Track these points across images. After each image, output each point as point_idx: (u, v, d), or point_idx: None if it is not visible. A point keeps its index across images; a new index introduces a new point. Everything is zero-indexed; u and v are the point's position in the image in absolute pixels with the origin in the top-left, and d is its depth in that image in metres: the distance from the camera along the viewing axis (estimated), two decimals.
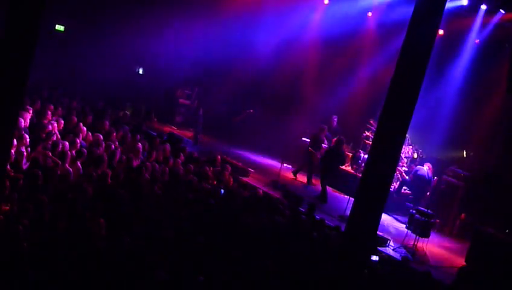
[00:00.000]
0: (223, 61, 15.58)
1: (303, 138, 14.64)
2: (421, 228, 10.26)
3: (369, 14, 15.35)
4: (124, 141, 10.87)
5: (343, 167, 13.31)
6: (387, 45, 14.86)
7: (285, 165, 14.11)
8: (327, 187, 12.46)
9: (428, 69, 6.65)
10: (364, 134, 14.36)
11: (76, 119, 10.86)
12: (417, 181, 13.13)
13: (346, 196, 12.12)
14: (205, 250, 6.78)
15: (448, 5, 9.21)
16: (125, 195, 7.64)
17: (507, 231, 9.84)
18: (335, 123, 14.48)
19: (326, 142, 13.45)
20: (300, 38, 15.64)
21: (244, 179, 12.14)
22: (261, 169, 13.84)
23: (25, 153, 8.19)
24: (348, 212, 7.59)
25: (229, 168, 10.67)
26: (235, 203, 8.95)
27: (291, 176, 13.76)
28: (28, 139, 8.54)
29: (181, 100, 16.76)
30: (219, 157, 11.37)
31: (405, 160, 13.92)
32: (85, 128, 10.53)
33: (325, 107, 15.31)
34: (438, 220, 12.18)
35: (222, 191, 9.44)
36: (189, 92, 16.90)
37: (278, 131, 15.25)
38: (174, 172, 9.68)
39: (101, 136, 10.20)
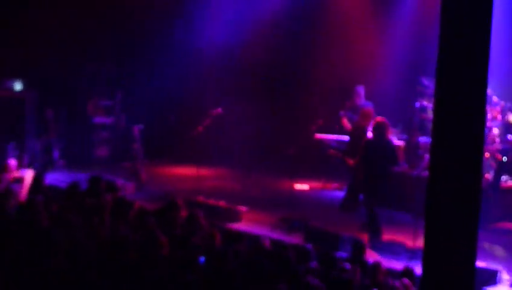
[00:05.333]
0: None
1: (318, 135, 15.10)
2: None
3: None
4: None
5: (396, 169, 13.19)
6: None
7: (298, 185, 14.50)
8: (377, 208, 12.50)
9: None
10: (418, 104, 14.45)
11: None
12: None
13: (410, 217, 12.17)
14: None
15: None
16: None
17: None
18: (362, 97, 14.72)
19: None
20: None
21: (235, 225, 12.34)
22: (258, 202, 14.12)
23: None
24: (420, 243, 7.64)
25: (200, 214, 10.48)
26: (228, 273, 8.72)
27: (312, 202, 14.44)
28: None
29: (97, 119, 16.98)
30: (180, 200, 11.15)
31: (495, 131, 13.82)
32: None
33: (340, 78, 16.18)
34: None
35: (202, 259, 9.17)
36: (108, 102, 17.13)
37: (274, 132, 15.98)
38: (116, 241, 9.42)
39: None
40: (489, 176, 13.44)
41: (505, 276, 10.41)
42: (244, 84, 17.71)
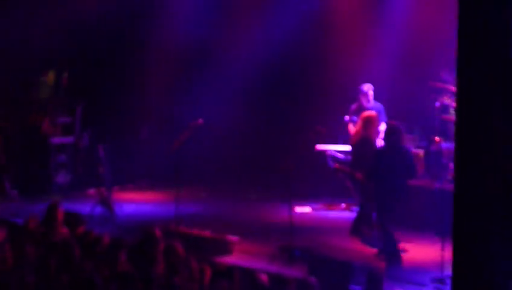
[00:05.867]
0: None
1: (319, 146, 15.33)
2: None
3: None
4: None
5: (414, 182, 13.37)
6: None
7: (297, 209, 14.61)
8: (394, 230, 12.56)
9: None
10: (438, 103, 14.52)
11: None
12: None
13: (435, 237, 12.22)
14: None
15: None
16: None
17: None
18: (370, 98, 14.84)
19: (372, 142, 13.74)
20: None
21: (225, 259, 12.31)
22: (252, 230, 14.26)
23: None
24: (449, 270, 7.68)
25: (180, 248, 10.42)
26: None
27: (316, 227, 14.54)
28: None
29: (55, 139, 17.01)
30: (158, 232, 11.09)
31: None
32: None
33: (344, 77, 16.61)
34: None
35: None
36: (67, 118, 17.24)
37: (268, 144, 16.32)
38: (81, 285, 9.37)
39: None
40: None
41: None
42: (230, 89, 17.86)
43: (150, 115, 18.21)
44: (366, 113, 13.63)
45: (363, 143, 13.35)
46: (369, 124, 13.28)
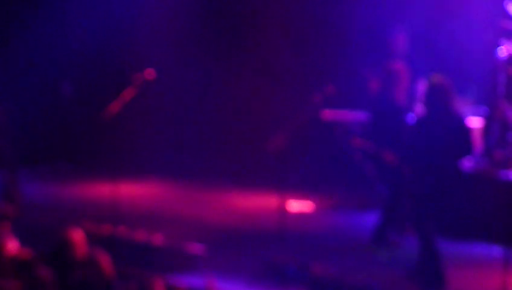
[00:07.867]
0: None
1: (326, 113, 15.53)
2: None
3: None
4: None
5: (469, 165, 13.62)
6: None
7: (292, 205, 14.68)
8: (434, 238, 12.23)
9: None
10: (503, 51, 14.56)
11: None
12: None
13: (497, 250, 12.64)
14: None
15: None
16: None
17: None
18: (403, 46, 14.94)
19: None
20: None
21: (185, 278, 12.03)
22: (225, 236, 14.23)
23: None
24: None
25: (105, 260, 10.04)
26: None
27: (319, 233, 14.67)
28: None
29: None
30: (78, 236, 10.54)
31: None
32: None
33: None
34: None
35: None
36: None
37: (247, 111, 17.18)
38: None
39: None
40: None
41: None
42: (195, 33, 17.92)
43: (75, 61, 17.87)
44: (395, 65, 13.66)
45: (396, 108, 13.27)
46: (398, 80, 13.27)
